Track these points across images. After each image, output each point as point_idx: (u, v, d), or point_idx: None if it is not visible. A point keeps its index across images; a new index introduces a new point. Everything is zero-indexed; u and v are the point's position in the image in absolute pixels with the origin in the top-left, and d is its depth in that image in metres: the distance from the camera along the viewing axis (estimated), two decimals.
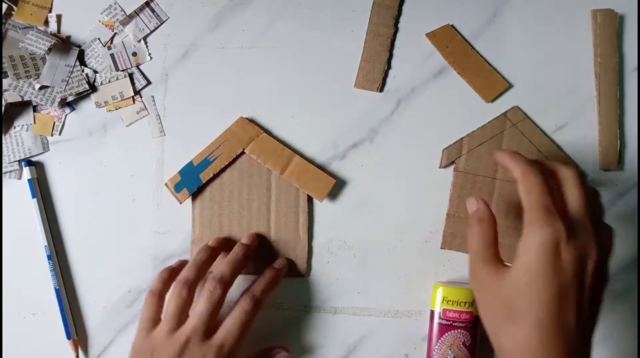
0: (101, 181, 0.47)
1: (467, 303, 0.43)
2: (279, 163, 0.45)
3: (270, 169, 0.46)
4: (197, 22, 0.47)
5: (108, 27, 0.47)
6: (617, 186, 0.47)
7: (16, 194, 0.47)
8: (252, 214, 0.46)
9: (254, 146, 0.45)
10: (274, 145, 0.46)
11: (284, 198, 0.46)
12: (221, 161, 0.45)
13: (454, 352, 0.43)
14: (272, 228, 0.46)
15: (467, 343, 0.43)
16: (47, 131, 0.47)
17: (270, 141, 0.46)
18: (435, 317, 0.44)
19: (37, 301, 0.47)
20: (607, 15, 0.47)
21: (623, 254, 0.47)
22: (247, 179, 0.46)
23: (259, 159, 0.45)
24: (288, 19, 0.48)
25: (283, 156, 0.45)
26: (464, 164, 0.46)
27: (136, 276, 0.47)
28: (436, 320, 0.44)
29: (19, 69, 0.45)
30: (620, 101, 0.47)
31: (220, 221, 0.46)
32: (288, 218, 0.46)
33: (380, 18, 0.47)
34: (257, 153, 0.45)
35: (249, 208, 0.46)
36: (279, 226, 0.46)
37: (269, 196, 0.46)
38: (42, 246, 0.46)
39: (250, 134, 0.45)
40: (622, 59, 0.47)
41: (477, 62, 0.47)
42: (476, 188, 0.46)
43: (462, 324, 0.43)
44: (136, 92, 0.47)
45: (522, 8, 0.48)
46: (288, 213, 0.46)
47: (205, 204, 0.46)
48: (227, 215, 0.46)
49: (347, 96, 0.47)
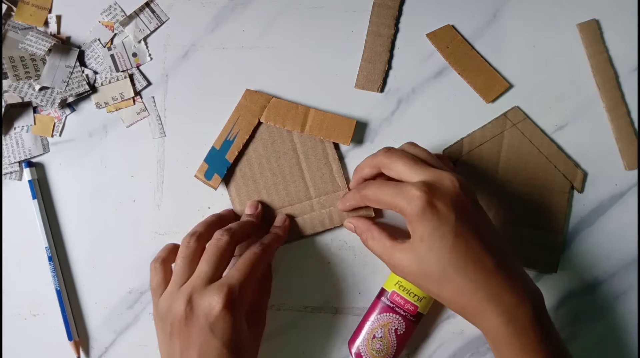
0: (102, 182, 0.47)
1: (417, 297, 0.43)
2: (296, 122, 0.45)
3: (290, 130, 0.46)
4: (197, 22, 0.47)
5: (108, 27, 0.47)
6: (617, 186, 0.47)
7: (17, 195, 0.47)
8: (286, 179, 0.46)
9: (268, 113, 0.45)
10: (287, 106, 0.46)
11: (311, 153, 0.46)
12: (241, 137, 0.45)
13: (384, 333, 0.43)
14: (309, 186, 0.46)
15: (399, 331, 0.43)
16: (48, 132, 0.47)
17: (282, 104, 0.46)
18: (383, 296, 0.44)
19: (38, 302, 0.47)
20: (589, 26, 0.47)
21: (623, 254, 0.47)
22: (271, 147, 0.46)
23: (277, 124, 0.45)
24: (288, 19, 0.48)
25: (299, 114, 0.45)
26: (465, 164, 0.46)
27: (137, 277, 0.47)
28: (382, 298, 0.44)
29: (19, 70, 0.45)
30: None
31: (259, 195, 0.46)
32: (322, 171, 0.46)
33: (380, 18, 0.47)
34: (273, 118, 0.45)
35: (281, 174, 0.46)
36: (316, 182, 0.46)
37: (297, 157, 0.46)
38: (43, 247, 0.46)
39: (261, 103, 0.46)
40: (622, 60, 0.47)
41: (477, 62, 0.47)
42: (476, 188, 0.46)
43: (402, 312, 0.43)
44: (136, 93, 0.47)
45: (522, 8, 0.48)
46: (320, 166, 0.46)
47: (239, 183, 0.46)
48: (264, 187, 0.46)
49: (348, 96, 0.47)
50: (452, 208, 0.36)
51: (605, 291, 0.47)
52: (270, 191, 0.46)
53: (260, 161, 0.46)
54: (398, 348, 0.44)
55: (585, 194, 0.47)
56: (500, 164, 0.46)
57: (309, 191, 0.46)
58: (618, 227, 0.47)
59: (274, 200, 0.46)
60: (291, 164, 0.46)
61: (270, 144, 0.46)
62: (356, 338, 0.44)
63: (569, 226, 0.47)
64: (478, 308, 0.36)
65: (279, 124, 0.45)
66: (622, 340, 0.47)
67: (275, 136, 0.46)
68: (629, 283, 0.47)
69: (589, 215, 0.47)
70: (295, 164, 0.46)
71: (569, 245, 0.47)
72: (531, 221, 0.46)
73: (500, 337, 0.36)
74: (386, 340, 0.44)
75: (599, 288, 0.47)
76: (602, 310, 0.47)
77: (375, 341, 0.44)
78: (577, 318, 0.47)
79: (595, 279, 0.47)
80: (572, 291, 0.47)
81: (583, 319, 0.47)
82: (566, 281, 0.47)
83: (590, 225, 0.47)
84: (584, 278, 0.47)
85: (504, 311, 0.35)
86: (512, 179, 0.46)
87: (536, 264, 0.46)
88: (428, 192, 0.36)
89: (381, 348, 0.44)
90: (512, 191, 0.46)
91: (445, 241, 0.35)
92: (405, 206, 0.36)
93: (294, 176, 0.46)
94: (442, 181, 0.36)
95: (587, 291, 0.47)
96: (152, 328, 0.46)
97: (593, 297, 0.47)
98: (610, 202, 0.47)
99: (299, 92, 0.47)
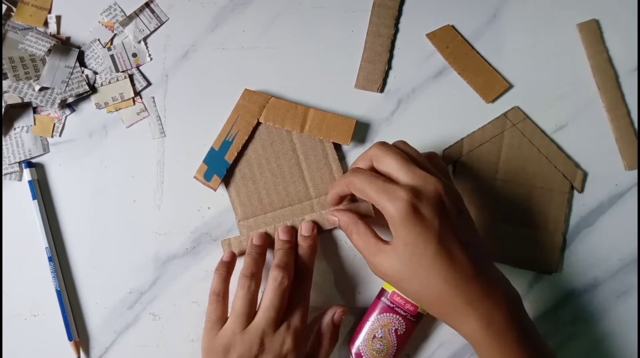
0: (102, 182, 0.47)
1: None
2: (296, 122, 0.45)
3: (290, 130, 0.46)
4: (197, 22, 0.47)
5: (108, 28, 0.47)
6: (617, 186, 0.47)
7: (17, 195, 0.47)
8: (286, 180, 0.46)
9: (267, 113, 0.45)
10: (286, 106, 0.45)
11: (311, 153, 0.46)
12: (240, 137, 0.45)
13: (384, 333, 0.44)
14: (309, 187, 0.46)
15: (399, 331, 0.43)
16: (48, 132, 0.47)
17: (281, 104, 0.45)
18: (383, 296, 0.44)
19: (38, 302, 0.47)
20: (589, 26, 0.47)
21: (623, 254, 0.47)
22: (270, 147, 0.46)
23: (276, 124, 0.45)
24: (288, 19, 0.48)
25: (298, 114, 0.45)
26: (465, 164, 0.47)
27: (137, 277, 0.47)
28: (383, 298, 0.44)
29: (19, 71, 0.45)
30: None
31: (259, 196, 0.46)
32: (322, 171, 0.46)
33: (380, 19, 0.47)
34: (272, 118, 0.45)
35: (281, 174, 0.46)
36: (316, 182, 0.46)
37: (296, 157, 0.46)
38: (43, 247, 0.46)
39: (260, 103, 0.45)
40: (622, 60, 0.47)
41: (477, 63, 0.47)
42: (476, 188, 0.46)
43: (403, 312, 0.44)
44: (136, 94, 0.47)
45: (522, 8, 0.48)
46: (320, 167, 0.46)
47: (239, 184, 0.46)
48: (264, 187, 0.46)
49: (348, 97, 0.47)
50: (437, 214, 0.36)
51: (605, 291, 0.47)
52: (270, 192, 0.46)
53: (260, 162, 0.46)
54: (398, 349, 0.44)
55: (585, 194, 0.47)
56: (500, 164, 0.46)
57: (309, 192, 0.46)
58: (618, 227, 0.47)
59: (274, 201, 0.46)
60: (291, 165, 0.46)
61: (270, 145, 0.46)
62: (356, 339, 0.44)
63: (569, 226, 0.47)
64: (457, 313, 0.37)
65: (278, 124, 0.45)
66: (622, 340, 0.47)
67: (274, 136, 0.46)
68: (629, 283, 0.47)
69: (589, 215, 0.47)
70: (295, 164, 0.46)
71: (569, 245, 0.47)
72: (531, 221, 0.46)
73: (480, 341, 0.37)
74: (386, 340, 0.44)
75: (599, 288, 0.47)
76: (602, 310, 0.47)
77: (375, 341, 0.44)
78: (577, 318, 0.47)
79: (595, 279, 0.47)
80: (572, 291, 0.47)
81: (583, 319, 0.47)
82: (566, 281, 0.47)
83: (590, 225, 0.47)
84: (584, 278, 0.47)
85: (481, 316, 0.36)
86: (512, 179, 0.46)
87: (536, 264, 0.46)
88: (413, 197, 0.36)
89: (381, 349, 0.44)
90: (512, 191, 0.46)
91: (428, 247, 0.36)
92: (390, 207, 0.36)
93: (293, 177, 0.46)
94: (428, 186, 0.37)
95: (587, 291, 0.47)
96: (152, 328, 0.46)
97: (593, 297, 0.47)
98: (610, 202, 0.47)
99: (299, 92, 0.47)
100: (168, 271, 0.47)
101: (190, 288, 0.47)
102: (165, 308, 0.47)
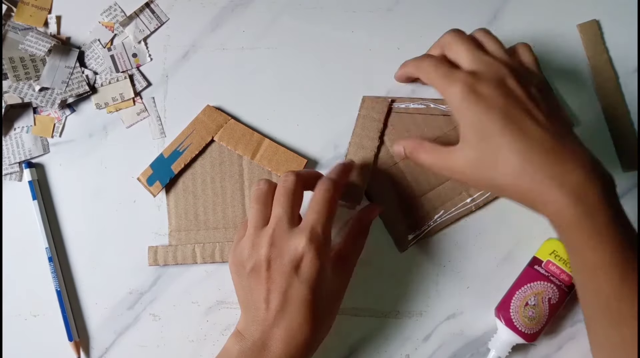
0: (102, 182, 0.47)
1: None
2: (249, 148, 0.45)
3: (241, 155, 0.46)
4: (197, 23, 0.47)
5: (108, 28, 0.47)
6: (616, 186, 0.47)
7: (17, 196, 0.47)
8: (226, 201, 0.46)
9: (223, 133, 0.45)
10: (242, 131, 0.46)
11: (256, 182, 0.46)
12: (191, 151, 0.45)
13: (537, 301, 0.43)
14: (247, 213, 0.46)
15: (552, 300, 0.43)
16: (48, 132, 0.47)
17: (238, 127, 0.46)
18: (537, 264, 0.44)
19: (38, 303, 0.47)
20: (590, 27, 0.47)
21: None
22: (219, 166, 0.46)
23: (229, 146, 0.45)
24: (288, 19, 0.48)
25: (253, 141, 0.45)
26: None
27: (137, 277, 0.47)
28: (536, 266, 0.44)
29: (19, 71, 0.45)
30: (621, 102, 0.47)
31: (196, 211, 0.46)
32: None
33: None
34: (227, 139, 0.45)
35: (222, 195, 0.46)
36: None
37: (241, 182, 0.46)
38: (43, 248, 0.46)
39: (219, 122, 0.45)
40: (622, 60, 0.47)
41: None
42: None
43: (557, 281, 0.43)
44: (136, 94, 0.47)
45: (522, 9, 0.48)
46: None
47: (179, 195, 0.46)
48: (202, 204, 0.46)
49: (348, 97, 0.47)
50: (500, 93, 0.35)
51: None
52: (207, 210, 0.46)
53: (205, 179, 0.46)
54: (549, 318, 0.43)
55: None
56: None
57: (245, 218, 0.46)
58: None
59: (209, 219, 0.46)
60: (234, 189, 0.46)
61: (219, 164, 0.46)
62: (507, 305, 0.44)
63: None
64: (539, 191, 0.34)
65: (232, 146, 0.45)
66: None
67: (225, 157, 0.46)
68: None
69: None
70: (239, 189, 0.46)
71: None
72: None
73: (568, 221, 0.33)
74: (539, 308, 0.43)
75: None
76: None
77: (527, 308, 0.43)
78: (577, 318, 0.47)
79: None
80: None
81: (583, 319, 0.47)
82: None
83: None
84: None
85: (569, 191, 0.33)
86: None
87: None
88: (471, 78, 0.35)
89: (533, 316, 0.43)
90: None
91: (495, 124, 0.35)
92: (448, 90, 0.36)
93: (234, 201, 0.46)
94: (489, 69, 0.36)
95: None
96: (152, 328, 0.46)
97: None
98: None
99: (299, 93, 0.47)
100: (168, 272, 0.47)
101: (190, 289, 0.47)
102: (165, 309, 0.47)
